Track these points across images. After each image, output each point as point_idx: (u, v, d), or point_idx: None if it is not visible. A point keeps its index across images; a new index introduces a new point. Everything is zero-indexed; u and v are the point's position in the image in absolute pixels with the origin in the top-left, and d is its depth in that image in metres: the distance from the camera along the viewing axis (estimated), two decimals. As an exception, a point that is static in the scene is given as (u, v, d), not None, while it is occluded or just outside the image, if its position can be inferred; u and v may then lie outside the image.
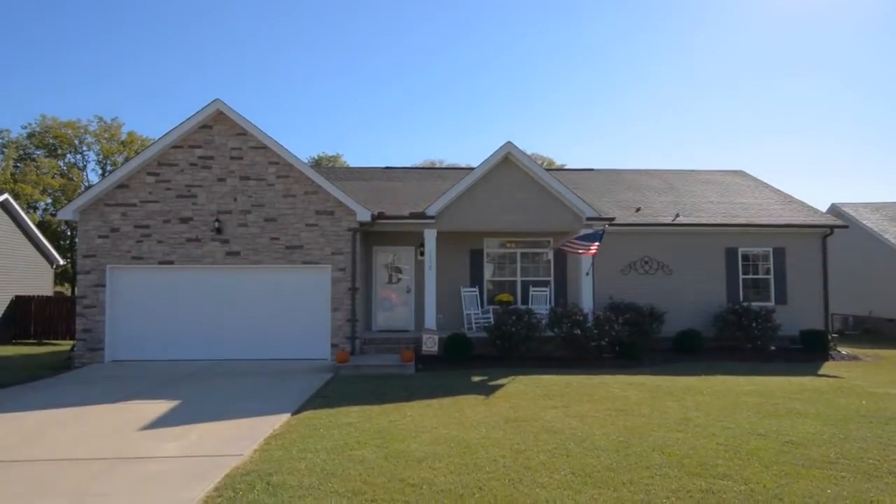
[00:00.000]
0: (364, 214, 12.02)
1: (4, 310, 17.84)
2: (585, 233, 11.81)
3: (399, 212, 13.04)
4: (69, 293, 31.53)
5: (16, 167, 34.74)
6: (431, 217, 12.38)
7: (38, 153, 36.31)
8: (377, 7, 69.93)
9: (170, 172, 12.09)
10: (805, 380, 9.93)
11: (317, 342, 11.85)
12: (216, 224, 11.91)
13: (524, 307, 12.60)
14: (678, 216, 14.46)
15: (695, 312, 13.72)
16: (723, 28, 70.30)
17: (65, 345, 16.51)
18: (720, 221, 14.28)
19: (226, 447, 5.73)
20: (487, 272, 14.15)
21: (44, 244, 20.47)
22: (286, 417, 7.00)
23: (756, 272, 14.47)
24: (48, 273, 21.04)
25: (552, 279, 14.14)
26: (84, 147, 37.42)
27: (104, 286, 11.77)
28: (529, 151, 30.87)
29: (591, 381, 9.42)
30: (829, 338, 13.28)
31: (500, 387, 9.00)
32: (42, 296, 18.71)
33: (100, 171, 37.54)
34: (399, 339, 12.51)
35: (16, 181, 32.67)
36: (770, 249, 14.45)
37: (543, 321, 11.95)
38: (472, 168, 13.22)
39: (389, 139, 73.92)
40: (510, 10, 70.98)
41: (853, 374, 10.69)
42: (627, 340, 11.91)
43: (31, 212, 33.00)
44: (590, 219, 12.53)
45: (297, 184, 12.18)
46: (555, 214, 12.67)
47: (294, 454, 5.48)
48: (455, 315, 13.56)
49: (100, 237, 11.89)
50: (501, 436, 6.13)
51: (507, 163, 12.74)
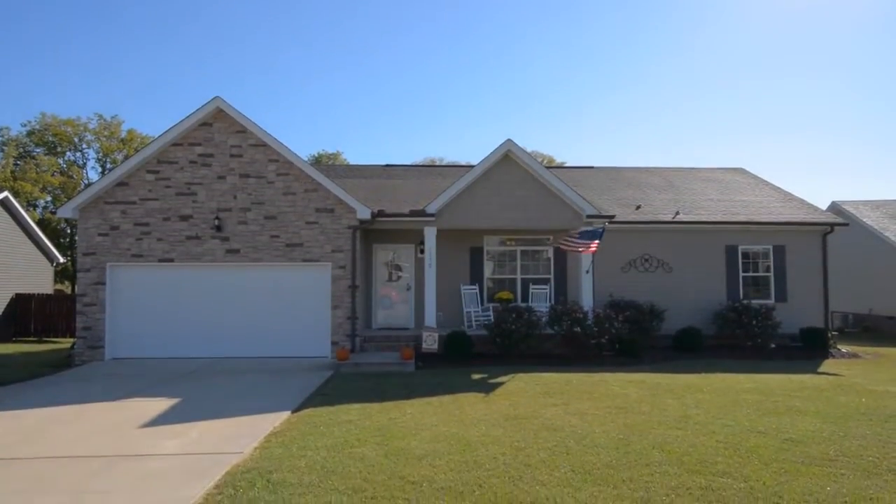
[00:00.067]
0: (364, 212, 12.02)
1: (5, 308, 17.85)
2: (585, 230, 11.81)
3: (399, 209, 13.03)
4: (69, 291, 31.57)
5: (16, 165, 34.73)
6: (431, 215, 12.38)
7: (38, 151, 36.29)
8: (377, 4, 69.85)
9: (170, 170, 12.09)
10: (805, 377, 9.94)
11: (317, 340, 11.86)
12: (216, 222, 11.91)
13: (524, 305, 12.61)
14: (678, 214, 14.45)
15: (695, 310, 13.73)
16: (723, 28, 70.20)
17: (65, 343, 16.52)
18: (720, 219, 14.28)
19: (226, 445, 5.73)
20: (487, 270, 14.16)
21: (44, 242, 20.47)
22: (286, 415, 7.01)
23: (756, 270, 14.47)
24: (48, 271, 21.05)
25: (552, 277, 14.15)
26: (84, 145, 37.41)
27: (104, 284, 11.77)
28: (529, 149, 30.78)
29: (591, 379, 9.43)
30: (829, 336, 13.29)
31: (500, 384, 9.00)
32: (42, 294, 18.73)
33: (99, 169, 37.57)
34: (399, 337, 12.52)
35: (15, 179, 32.66)
36: (770, 247, 14.45)
37: (543, 319, 11.96)
38: (472, 166, 13.21)
39: (389, 137, 73.94)
40: (510, 8, 70.89)
41: (853, 372, 10.70)
42: (627, 338, 11.91)
43: (31, 210, 33.00)
44: (590, 216, 12.53)
45: (297, 181, 12.17)
46: (555, 212, 12.67)
47: (294, 452, 5.48)
48: (455, 313, 13.56)
49: (100, 235, 11.89)
50: (501, 433, 6.13)
51: (508, 160, 12.73)
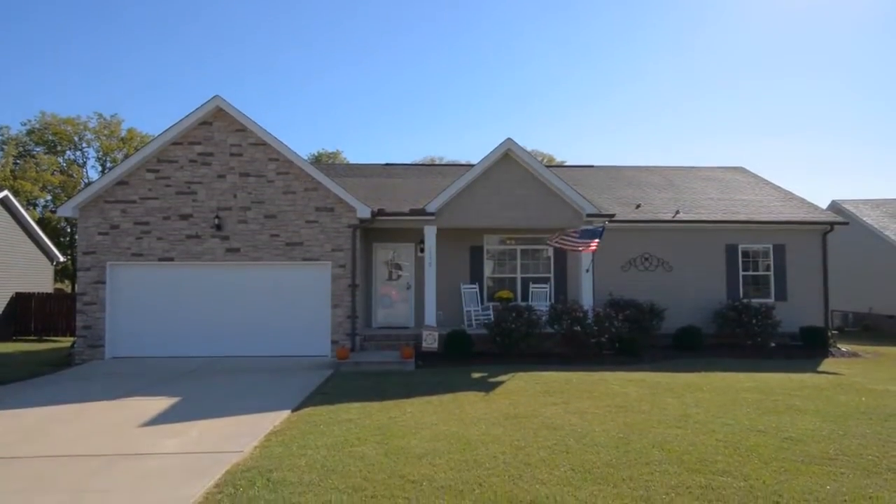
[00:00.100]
0: (364, 211, 12.01)
1: (5, 307, 17.85)
2: (585, 228, 11.79)
3: (399, 208, 13.03)
4: (69, 290, 31.57)
5: (15, 164, 34.71)
6: (431, 214, 12.37)
7: (38, 150, 36.27)
8: (376, 4, 69.80)
9: (169, 169, 12.08)
10: (805, 376, 9.94)
11: (317, 339, 11.86)
12: (216, 221, 11.91)
13: (524, 304, 12.59)
14: (678, 213, 14.45)
15: (695, 309, 13.73)
16: (723, 28, 70.15)
17: (65, 341, 16.53)
18: (720, 218, 14.27)
19: (226, 444, 5.73)
20: (487, 269, 14.16)
21: (44, 241, 20.46)
22: (286, 414, 7.01)
23: (756, 269, 14.47)
24: (48, 270, 21.04)
25: (552, 276, 14.15)
26: (84, 144, 37.39)
27: (104, 283, 11.78)
28: (529, 148, 30.77)
29: (591, 378, 9.43)
30: (829, 334, 13.31)
31: (500, 383, 9.01)
32: (42, 293, 18.72)
33: (99, 168, 37.57)
34: (399, 336, 12.52)
35: (15, 178, 32.66)
36: (770, 246, 14.45)
37: (543, 318, 11.96)
38: (472, 165, 13.21)
39: (389, 136, 73.92)
40: (510, 7, 70.84)
41: (853, 371, 10.70)
42: (627, 337, 11.91)
43: (31, 209, 33.00)
44: (590, 215, 12.52)
45: (297, 180, 12.16)
46: (555, 211, 12.66)
47: (294, 451, 5.49)
48: (455, 312, 13.56)
49: (100, 234, 11.89)
50: (501, 432, 6.14)
51: (507, 159, 12.72)
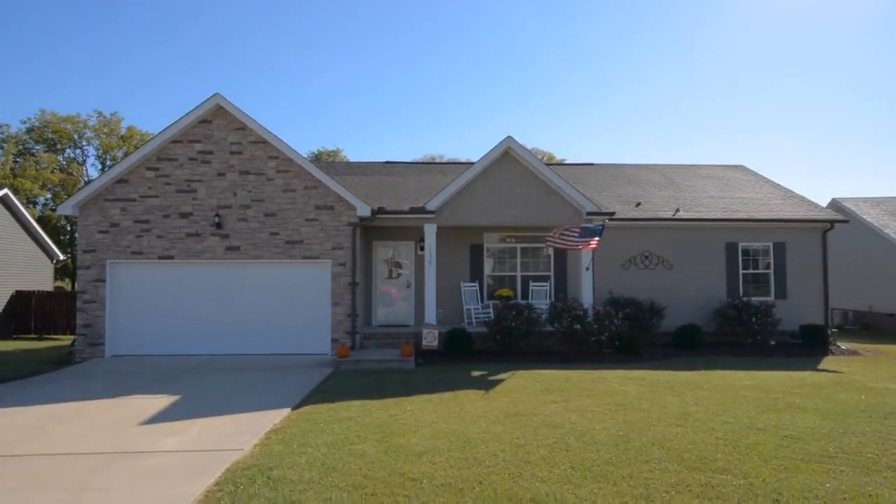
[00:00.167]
0: (364, 209, 12.00)
1: (5, 305, 17.85)
2: (585, 227, 11.78)
3: (399, 206, 13.02)
4: (69, 288, 31.56)
5: (15, 162, 34.70)
6: (431, 212, 12.37)
7: (38, 148, 36.26)
8: (377, 3, 69.69)
9: (169, 167, 12.07)
10: (805, 374, 9.95)
11: (317, 337, 11.86)
12: (216, 219, 11.90)
13: (524, 302, 12.60)
14: (678, 211, 14.44)
15: (695, 307, 13.73)
16: (723, 28, 70.07)
17: (65, 340, 16.53)
18: (720, 216, 14.27)
19: (226, 442, 5.74)
20: (487, 267, 14.15)
21: (44, 239, 20.46)
22: (286, 412, 7.01)
23: (756, 267, 14.47)
24: (48, 268, 21.04)
25: (552, 274, 14.15)
26: (83, 142, 37.37)
27: (104, 281, 11.77)
28: (529, 146, 30.81)
29: (591, 376, 9.44)
30: (829, 333, 13.32)
31: (500, 381, 9.01)
32: (42, 291, 18.72)
33: (99, 166, 37.56)
34: (399, 334, 12.52)
35: (15, 176, 32.64)
36: (770, 244, 14.45)
37: (543, 316, 11.96)
38: (472, 163, 13.20)
39: (389, 134, 73.87)
40: (510, 6, 70.74)
41: (853, 369, 10.71)
42: (627, 335, 11.91)
43: (31, 207, 32.99)
44: (590, 213, 12.52)
45: (297, 178, 12.16)
46: (555, 209, 12.65)
47: (294, 448, 5.49)
48: (455, 310, 13.57)
49: (100, 232, 11.89)
50: (501, 430, 6.14)
51: (507, 157, 12.71)
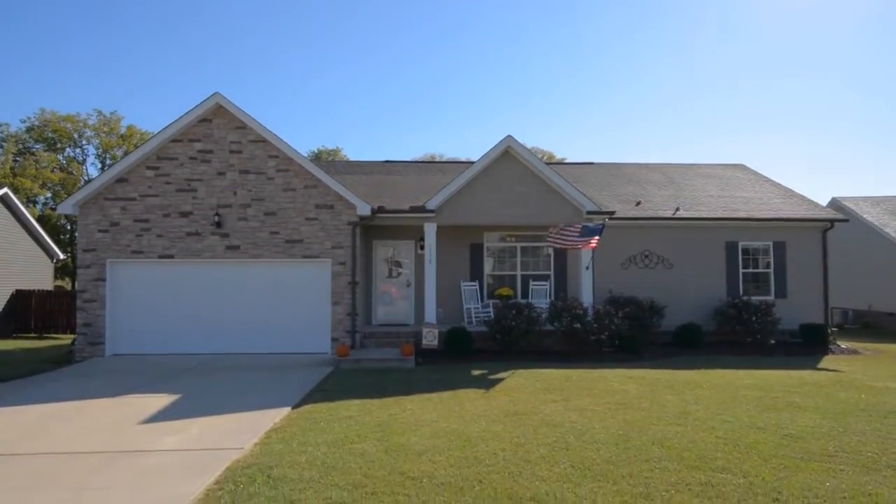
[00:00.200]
0: (364, 208, 12.00)
1: (5, 304, 17.85)
2: (585, 225, 11.77)
3: (399, 205, 13.01)
4: (69, 287, 31.56)
5: (15, 161, 34.68)
6: (431, 211, 12.36)
7: (38, 147, 36.24)
8: (377, 2, 69.63)
9: (169, 166, 12.07)
10: (804, 373, 9.95)
11: (317, 336, 11.87)
12: (216, 218, 11.90)
13: (524, 301, 12.59)
14: (678, 210, 14.44)
15: (695, 306, 13.73)
16: (723, 28, 70.05)
17: (65, 339, 16.54)
18: (720, 215, 14.26)
19: (226, 440, 5.74)
20: (487, 266, 14.15)
21: (44, 238, 20.45)
22: (286, 411, 7.02)
23: (756, 266, 14.47)
24: (48, 267, 21.04)
25: (552, 273, 14.15)
26: (83, 141, 37.36)
27: (104, 280, 11.77)
28: (529, 145, 30.81)
29: (591, 375, 9.44)
30: (829, 332, 13.32)
31: (500, 380, 9.01)
32: (42, 290, 18.72)
33: (99, 165, 37.56)
34: (399, 334, 12.52)
35: (15, 175, 32.63)
36: (770, 243, 14.45)
37: (543, 315, 11.95)
38: (473, 162, 13.19)
39: (389, 133, 73.82)
40: (510, 6, 70.69)
41: (852, 368, 10.72)
42: (627, 334, 11.92)
43: (31, 206, 32.98)
44: (590, 212, 12.51)
45: (297, 177, 12.15)
46: (555, 208, 12.65)
47: (295, 447, 5.49)
48: (455, 309, 13.57)
49: (99, 231, 11.88)
50: (501, 429, 6.14)
51: (508, 156, 12.71)
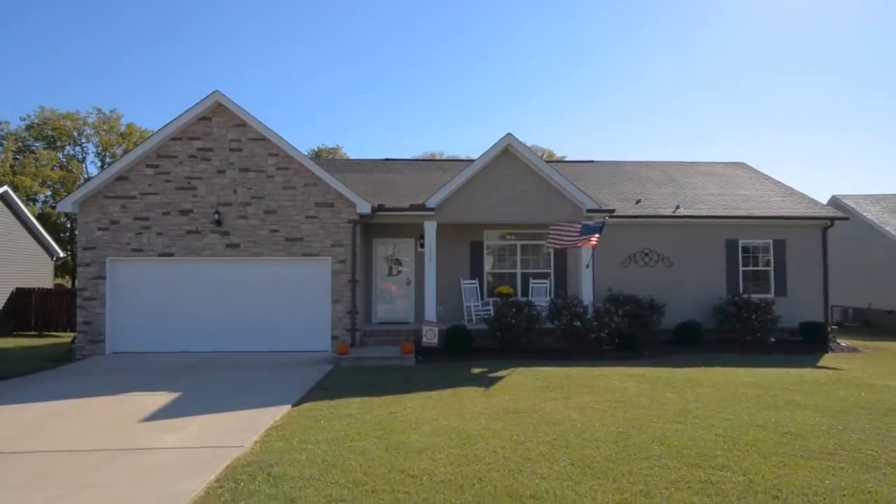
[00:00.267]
0: (364, 206, 11.99)
1: (5, 302, 17.86)
2: (585, 223, 11.77)
3: (399, 204, 12.99)
4: (69, 285, 31.56)
5: (15, 159, 34.66)
6: (431, 209, 12.35)
7: (37, 145, 36.21)
8: (376, 0, 69.46)
9: (169, 164, 12.06)
10: (804, 371, 9.96)
11: (317, 334, 11.87)
12: (216, 216, 11.90)
13: (524, 299, 12.59)
14: (678, 208, 14.43)
15: (695, 304, 13.72)
16: (722, 25, 69.93)
17: (65, 337, 16.55)
18: (720, 213, 14.25)
19: (226, 438, 5.74)
20: (487, 264, 14.15)
21: (44, 236, 20.45)
22: (287, 409, 7.02)
23: (756, 264, 14.46)
24: (48, 265, 21.04)
25: (552, 271, 14.14)
26: (83, 139, 37.35)
27: (104, 278, 11.77)
28: (529, 143, 30.75)
29: (591, 373, 9.44)
30: (829, 330, 13.31)
31: (500, 378, 9.02)
32: (42, 288, 18.72)
33: (99, 164, 37.53)
34: (399, 332, 12.53)
35: (15, 173, 32.61)
36: (770, 241, 14.44)
37: (543, 313, 11.95)
38: (473, 160, 13.18)
39: (389, 131, 73.71)
40: (510, 4, 70.54)
41: (852, 366, 10.72)
42: (627, 332, 11.92)
43: (31, 204, 32.96)
44: (590, 210, 12.50)
45: (297, 176, 12.14)
46: (555, 206, 12.64)
47: (295, 445, 5.50)
48: (455, 307, 13.57)
49: (99, 229, 11.88)
50: (501, 427, 6.15)
51: (508, 154, 12.70)
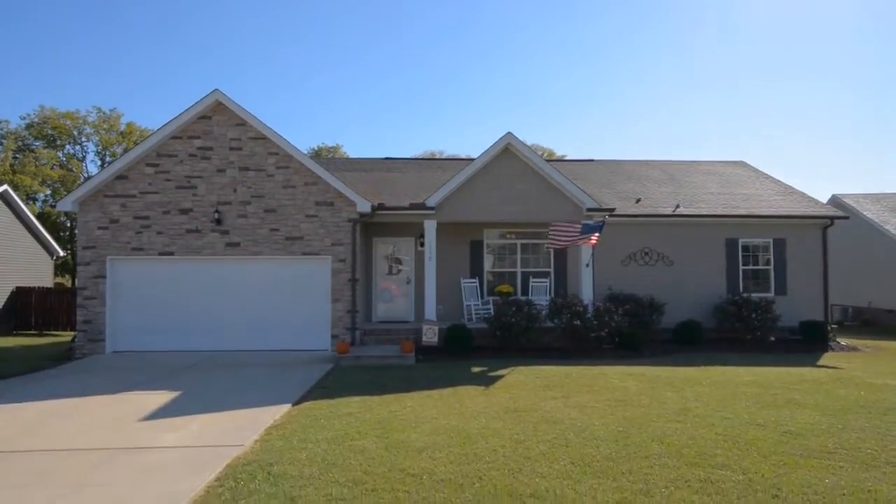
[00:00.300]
0: (364, 205, 11.99)
1: (5, 301, 17.86)
2: (585, 223, 11.76)
3: (399, 203, 12.99)
4: (69, 284, 31.56)
5: (15, 158, 34.64)
6: (431, 208, 12.35)
7: (37, 144, 36.19)
8: (377, -3, 69.37)
9: (169, 163, 12.05)
10: (804, 370, 9.96)
11: (317, 333, 11.87)
12: (216, 215, 11.89)
13: (524, 298, 12.59)
14: (678, 207, 14.43)
15: (695, 303, 13.73)
16: (723, 27, 69.90)
17: (65, 336, 16.55)
18: (720, 212, 14.24)
19: (227, 437, 5.75)
20: (487, 263, 14.15)
21: (44, 235, 20.45)
22: (287, 408, 7.02)
23: (756, 263, 14.46)
24: (48, 264, 21.05)
25: (552, 270, 14.14)
26: (83, 138, 37.32)
27: (104, 277, 11.78)
28: (530, 142, 30.77)
29: (591, 372, 9.45)
30: (829, 329, 13.31)
31: (500, 377, 9.02)
32: (42, 287, 18.73)
33: (99, 162, 37.51)
34: (399, 331, 12.53)
35: (15, 172, 32.60)
36: (770, 240, 14.43)
37: (543, 312, 11.95)
38: (473, 159, 13.17)
39: (389, 131, 73.65)
40: (511, 4, 70.47)
41: (852, 365, 10.72)
42: (627, 331, 11.92)
43: (31, 203, 32.95)
44: (590, 209, 12.50)
45: (297, 174, 12.14)
46: (555, 205, 12.64)
47: (295, 444, 5.50)
48: (455, 306, 13.57)
49: (99, 228, 11.88)
50: (501, 426, 6.15)
51: (508, 154, 12.69)
